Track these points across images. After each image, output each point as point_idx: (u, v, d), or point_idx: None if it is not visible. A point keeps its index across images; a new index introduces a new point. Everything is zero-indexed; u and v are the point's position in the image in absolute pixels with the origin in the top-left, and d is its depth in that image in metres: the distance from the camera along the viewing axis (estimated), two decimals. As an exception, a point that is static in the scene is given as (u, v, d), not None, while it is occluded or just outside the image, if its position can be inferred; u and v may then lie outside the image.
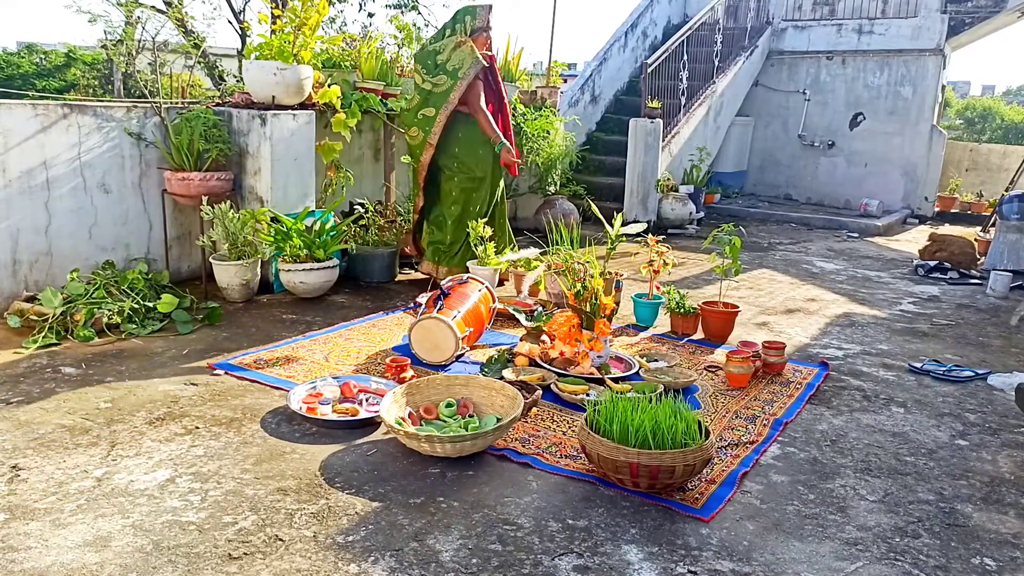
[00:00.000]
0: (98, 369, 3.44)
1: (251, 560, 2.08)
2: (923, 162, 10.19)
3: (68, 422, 2.88)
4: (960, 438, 3.12)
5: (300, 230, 4.67)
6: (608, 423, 2.57)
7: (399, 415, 2.89)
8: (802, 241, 8.13)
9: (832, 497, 2.58)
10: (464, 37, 4.80)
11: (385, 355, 3.73)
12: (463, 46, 4.79)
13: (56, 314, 3.82)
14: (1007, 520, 2.48)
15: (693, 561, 2.17)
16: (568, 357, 3.66)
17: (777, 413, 3.25)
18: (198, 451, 2.69)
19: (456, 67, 4.78)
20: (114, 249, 4.60)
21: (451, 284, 4.10)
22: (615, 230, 4.68)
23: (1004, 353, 4.36)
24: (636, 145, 7.95)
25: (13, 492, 2.37)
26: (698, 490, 2.55)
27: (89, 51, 16.52)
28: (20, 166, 4.11)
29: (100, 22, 11.44)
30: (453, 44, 4.81)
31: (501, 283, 5.24)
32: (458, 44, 4.80)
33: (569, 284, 4.17)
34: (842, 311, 5.15)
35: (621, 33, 10.33)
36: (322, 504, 2.38)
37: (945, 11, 9.84)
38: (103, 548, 2.10)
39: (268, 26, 5.20)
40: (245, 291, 4.62)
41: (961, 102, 31.36)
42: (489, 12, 4.84)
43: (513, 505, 2.42)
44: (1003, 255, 6.56)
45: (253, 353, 3.72)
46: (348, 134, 5.26)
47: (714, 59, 9.48)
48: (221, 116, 4.85)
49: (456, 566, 2.09)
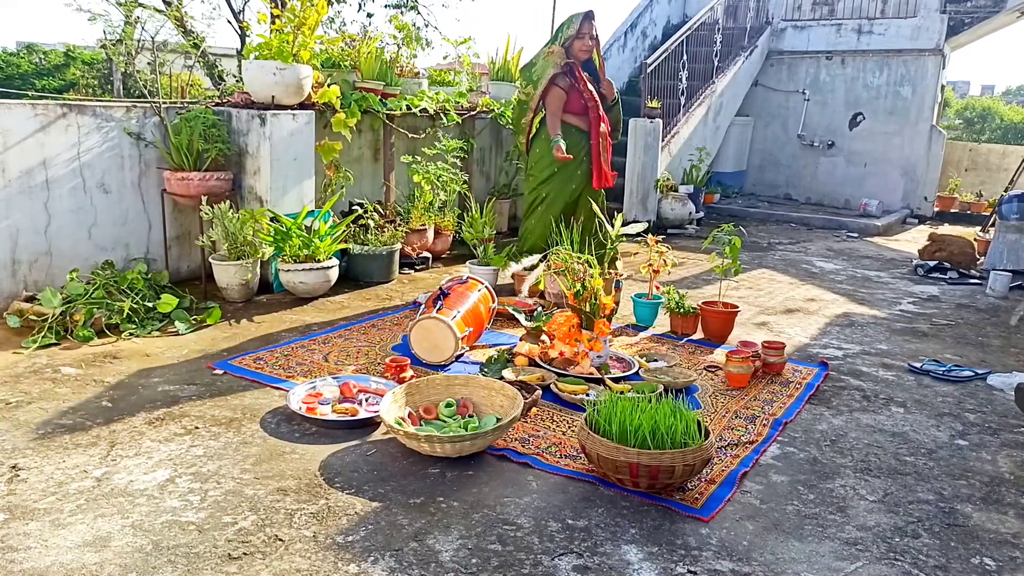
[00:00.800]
0: (98, 369, 3.44)
1: (251, 560, 2.08)
2: (923, 162, 10.20)
3: (68, 422, 2.88)
4: (960, 438, 3.12)
5: (300, 230, 4.67)
6: (608, 423, 2.57)
7: (399, 415, 2.88)
8: (802, 241, 8.13)
9: (832, 497, 2.58)
10: (555, 47, 4.91)
11: (385, 355, 3.73)
12: (550, 55, 4.92)
13: (56, 314, 3.81)
14: (1007, 520, 2.48)
15: (693, 561, 2.17)
16: (568, 357, 3.66)
17: (777, 413, 3.25)
18: (198, 451, 2.69)
19: (538, 76, 4.96)
20: (114, 249, 4.59)
21: (451, 284, 4.10)
22: (615, 230, 4.68)
23: (1004, 353, 4.36)
24: (636, 145, 7.95)
25: (13, 492, 2.36)
26: (698, 490, 2.55)
27: (88, 51, 16.51)
28: (19, 166, 4.10)
29: (99, 21, 11.42)
30: (544, 55, 4.98)
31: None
32: (547, 54, 4.95)
33: (569, 284, 4.17)
34: (842, 311, 5.15)
35: (620, 33, 10.34)
36: (322, 504, 2.38)
37: (944, 11, 9.84)
38: (103, 548, 2.10)
39: (267, 26, 5.20)
40: (245, 291, 4.62)
41: (960, 102, 31.40)
42: (584, 19, 4.87)
43: (513, 505, 2.42)
44: (1002, 255, 6.57)
45: (253, 353, 3.72)
46: (348, 134, 5.26)
47: (714, 59, 9.49)
48: (220, 116, 4.85)
49: (456, 566, 2.09)
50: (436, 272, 5.71)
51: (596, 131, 4.96)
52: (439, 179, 5.91)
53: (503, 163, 7.66)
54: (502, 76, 7.27)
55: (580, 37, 4.88)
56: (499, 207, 7.12)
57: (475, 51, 8.84)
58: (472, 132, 7.05)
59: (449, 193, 6.05)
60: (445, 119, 6.21)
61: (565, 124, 4.97)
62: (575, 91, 4.94)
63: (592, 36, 4.92)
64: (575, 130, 5.01)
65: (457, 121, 6.36)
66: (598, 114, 4.97)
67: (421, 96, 5.93)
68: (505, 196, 7.44)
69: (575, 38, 4.89)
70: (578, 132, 5.02)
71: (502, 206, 7.33)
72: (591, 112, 4.96)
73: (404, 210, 5.94)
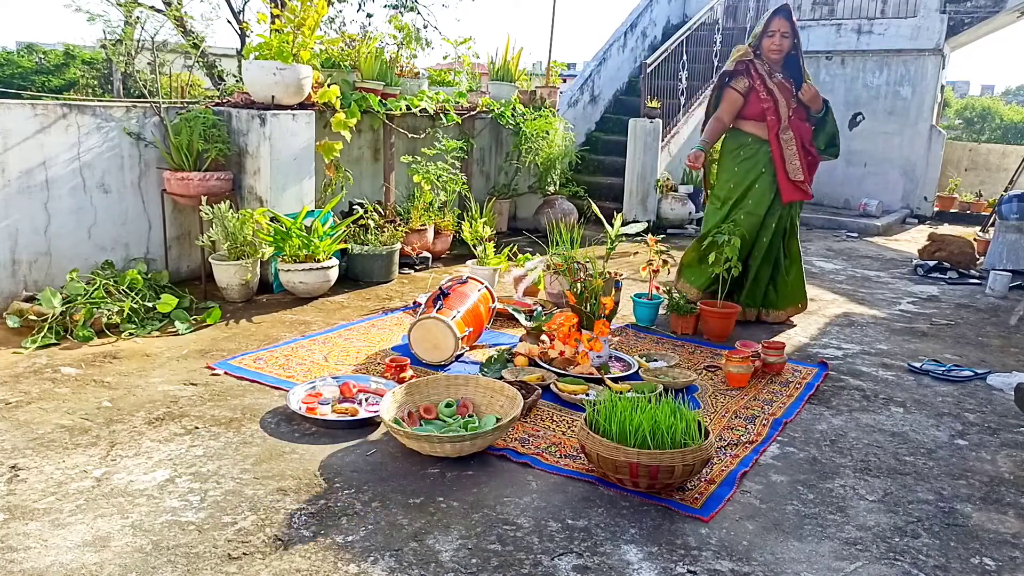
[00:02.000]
0: (97, 369, 3.44)
1: (251, 560, 2.08)
2: (922, 162, 10.20)
3: (67, 422, 2.88)
4: (959, 438, 3.12)
5: (299, 230, 4.67)
6: (608, 423, 2.57)
7: (399, 415, 2.89)
8: (801, 241, 8.12)
9: (831, 497, 2.58)
10: (744, 47, 4.49)
11: (385, 355, 3.73)
12: (736, 54, 4.51)
13: (55, 314, 3.81)
14: (1006, 520, 2.48)
15: (692, 561, 2.17)
16: (568, 357, 3.66)
17: (776, 413, 3.25)
18: (197, 451, 2.69)
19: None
20: (113, 249, 4.59)
21: (451, 284, 4.10)
22: (615, 230, 4.68)
23: (1003, 353, 4.36)
24: (635, 145, 7.95)
25: (12, 492, 2.36)
26: (697, 490, 2.55)
27: (88, 50, 16.50)
28: (19, 166, 4.10)
29: (99, 21, 11.42)
30: (732, 55, 4.55)
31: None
32: (735, 54, 4.53)
33: (569, 284, 4.17)
34: (841, 311, 5.15)
35: (620, 33, 10.34)
36: (322, 504, 2.38)
37: (944, 11, 9.84)
38: (102, 548, 2.10)
39: (267, 26, 5.20)
40: (244, 291, 4.62)
41: (960, 102, 31.42)
42: (774, 15, 4.39)
43: (513, 505, 2.42)
44: (1002, 255, 6.57)
45: (253, 353, 3.72)
46: (348, 134, 5.26)
47: (713, 59, 9.48)
48: (220, 116, 4.85)
49: (456, 566, 2.09)
50: (436, 272, 5.71)
51: (776, 141, 4.41)
52: (439, 179, 5.91)
53: (503, 163, 7.66)
54: (502, 76, 7.27)
55: (769, 35, 4.37)
56: (499, 207, 7.13)
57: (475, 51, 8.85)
58: (472, 132, 7.05)
59: (449, 193, 6.05)
60: (445, 119, 6.21)
61: (740, 132, 4.53)
62: (754, 93, 4.42)
63: (784, 33, 4.36)
64: (752, 139, 4.49)
65: (457, 121, 6.36)
66: (777, 118, 4.39)
67: (421, 96, 5.93)
68: (505, 196, 7.45)
69: (764, 36, 4.40)
70: (756, 141, 4.49)
71: (502, 206, 7.34)
72: (769, 118, 4.40)
73: (404, 210, 5.94)
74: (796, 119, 4.45)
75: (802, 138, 4.46)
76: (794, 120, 4.44)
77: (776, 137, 4.41)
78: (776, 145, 4.42)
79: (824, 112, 4.49)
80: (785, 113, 4.41)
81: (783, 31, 4.37)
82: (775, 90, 4.41)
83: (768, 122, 4.41)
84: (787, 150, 4.43)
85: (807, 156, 4.50)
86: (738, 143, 4.55)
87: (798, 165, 4.44)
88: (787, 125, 4.42)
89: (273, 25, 4.96)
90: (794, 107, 4.44)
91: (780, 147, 4.42)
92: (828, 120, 4.53)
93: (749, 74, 4.44)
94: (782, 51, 4.40)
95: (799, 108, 4.46)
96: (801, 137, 4.46)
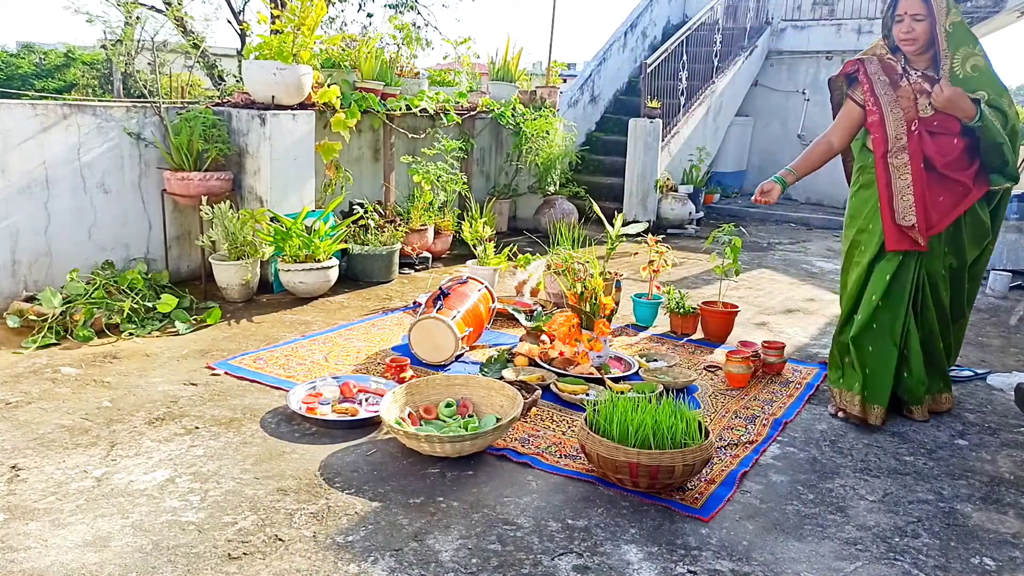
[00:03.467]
0: (98, 369, 3.44)
1: (251, 560, 2.08)
2: (922, 162, 10.18)
3: (68, 422, 2.88)
4: (959, 438, 3.12)
5: (300, 230, 4.67)
6: (608, 423, 2.57)
7: (399, 415, 2.89)
8: (801, 241, 8.13)
9: (831, 497, 2.58)
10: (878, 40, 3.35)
11: (385, 355, 3.73)
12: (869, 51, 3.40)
13: (56, 314, 3.82)
14: (1006, 520, 2.48)
15: (692, 561, 2.17)
16: (568, 357, 3.66)
17: (776, 413, 3.25)
18: (198, 451, 2.69)
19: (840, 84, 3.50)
20: (114, 249, 4.59)
21: (451, 284, 4.10)
22: (615, 230, 4.68)
23: (1003, 353, 4.36)
24: (635, 145, 7.96)
25: (13, 492, 2.37)
26: (698, 490, 2.55)
27: (88, 51, 16.50)
28: (20, 166, 4.11)
29: (98, 22, 11.42)
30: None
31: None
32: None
33: (569, 284, 4.17)
34: (841, 311, 5.14)
35: (620, 33, 10.33)
36: (322, 504, 2.38)
37: (944, 11, 9.82)
38: (103, 548, 2.10)
39: (267, 26, 5.21)
40: (245, 291, 4.62)
41: (960, 102, 31.24)
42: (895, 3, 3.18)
43: (513, 505, 2.42)
44: (1002, 255, 6.56)
45: (253, 353, 3.72)
46: (347, 134, 5.26)
47: (713, 59, 9.48)
48: (220, 116, 4.85)
49: (456, 566, 2.09)
50: (436, 272, 5.71)
51: (883, 166, 3.17)
52: (439, 179, 5.91)
53: (503, 163, 7.66)
54: (502, 76, 7.28)
55: (899, 19, 3.16)
56: (499, 207, 7.13)
57: (475, 51, 8.83)
58: (472, 132, 7.06)
59: (449, 193, 6.05)
60: (445, 119, 6.21)
61: (868, 150, 3.29)
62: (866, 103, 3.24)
63: (917, 15, 3.10)
64: (872, 160, 3.26)
65: (457, 121, 6.36)
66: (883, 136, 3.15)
67: (421, 96, 5.93)
68: (505, 196, 7.46)
69: (893, 22, 3.20)
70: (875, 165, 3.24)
71: (502, 206, 7.34)
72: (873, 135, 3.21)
73: (404, 210, 5.94)
74: (925, 134, 3.13)
75: (935, 160, 3.12)
76: (921, 136, 3.12)
77: (883, 160, 3.18)
78: (883, 172, 3.18)
79: (978, 118, 3.04)
80: (898, 128, 3.15)
81: (914, 13, 3.12)
82: (883, 97, 3.20)
83: (873, 140, 3.22)
84: (897, 180, 3.14)
85: (947, 185, 3.15)
86: (860, 163, 3.38)
87: (910, 203, 3.11)
88: (904, 145, 3.13)
89: (273, 25, 4.97)
90: (925, 116, 3.13)
91: (888, 175, 3.17)
92: (987, 129, 3.06)
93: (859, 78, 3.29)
94: (916, 40, 3.13)
95: (943, 117, 3.11)
96: (933, 159, 3.12)
